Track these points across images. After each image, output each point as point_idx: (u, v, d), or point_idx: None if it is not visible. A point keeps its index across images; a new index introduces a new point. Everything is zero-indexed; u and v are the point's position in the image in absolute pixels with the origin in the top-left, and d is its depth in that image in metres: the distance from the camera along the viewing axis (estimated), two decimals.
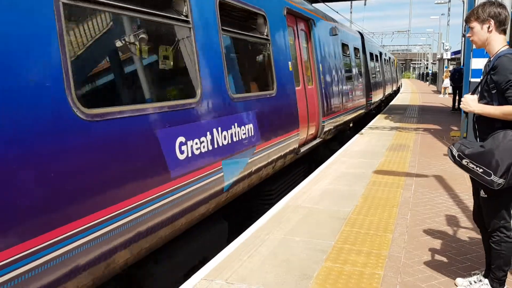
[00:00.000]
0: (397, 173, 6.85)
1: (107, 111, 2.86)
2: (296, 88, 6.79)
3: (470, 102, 2.89)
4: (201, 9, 4.17)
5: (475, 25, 2.91)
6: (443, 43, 38.91)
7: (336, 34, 9.87)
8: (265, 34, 5.87)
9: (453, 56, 34.53)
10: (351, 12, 43.23)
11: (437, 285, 3.31)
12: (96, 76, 3.32)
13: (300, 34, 7.66)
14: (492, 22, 2.85)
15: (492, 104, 2.81)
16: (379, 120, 14.70)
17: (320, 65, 8.35)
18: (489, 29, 2.87)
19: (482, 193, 2.99)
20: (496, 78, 2.74)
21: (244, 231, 4.52)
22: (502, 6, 2.89)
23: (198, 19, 4.08)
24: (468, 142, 2.91)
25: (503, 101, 2.74)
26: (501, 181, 2.69)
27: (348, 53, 11.84)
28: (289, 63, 6.60)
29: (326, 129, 8.33)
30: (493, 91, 2.79)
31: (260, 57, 6.21)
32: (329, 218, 4.81)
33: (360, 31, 16.51)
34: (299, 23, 7.67)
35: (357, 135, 11.10)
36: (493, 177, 2.71)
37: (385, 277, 3.42)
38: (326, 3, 21.46)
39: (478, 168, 2.77)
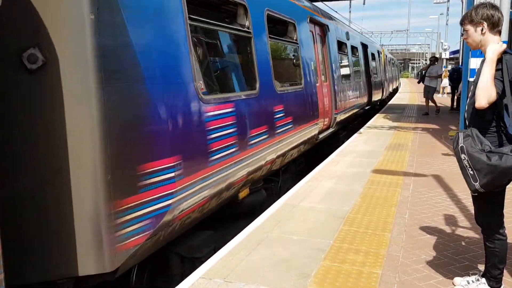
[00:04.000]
0: (395, 173, 6.86)
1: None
2: None
3: (495, 48, 2.81)
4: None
5: (469, 27, 2.97)
6: (442, 43, 38.95)
7: None
8: None
9: (452, 56, 34.56)
10: (350, 12, 43.19)
11: (435, 284, 3.32)
12: None
13: None
14: (485, 24, 2.90)
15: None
16: (378, 119, 14.71)
17: None
18: (483, 31, 2.92)
19: (472, 192, 3.02)
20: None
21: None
22: (494, 8, 2.93)
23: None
24: (477, 137, 2.84)
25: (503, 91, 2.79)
26: (480, 189, 2.80)
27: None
28: None
29: None
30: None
31: None
32: (327, 217, 4.81)
33: None
34: None
35: (355, 134, 11.11)
36: (476, 184, 2.80)
37: (383, 276, 3.43)
38: (325, 2, 21.48)
39: (470, 170, 2.81)
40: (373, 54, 18.41)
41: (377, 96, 18.15)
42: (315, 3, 10.84)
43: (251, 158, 4.96)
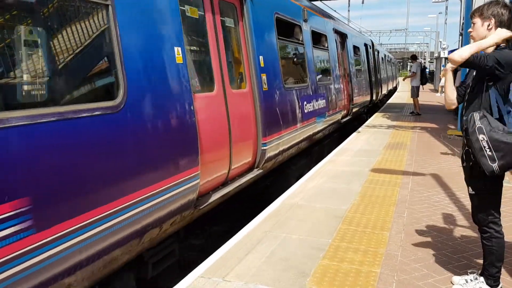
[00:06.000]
0: (394, 172, 6.87)
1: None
2: None
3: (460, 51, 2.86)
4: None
5: (477, 21, 3.00)
6: (441, 42, 38.97)
7: None
8: None
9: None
10: (348, 11, 43.22)
11: (433, 283, 3.33)
12: None
13: None
14: (493, 20, 2.94)
15: (482, 94, 2.89)
16: (376, 118, 14.72)
17: None
18: (489, 27, 2.95)
19: (469, 190, 3.08)
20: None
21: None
22: (507, 7, 2.96)
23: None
24: (492, 120, 2.82)
25: (482, 87, 2.87)
26: (497, 171, 2.76)
27: None
28: None
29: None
30: (490, 83, 2.87)
31: None
32: (326, 216, 4.81)
33: None
34: None
35: (354, 134, 11.12)
36: (494, 165, 2.75)
37: (381, 275, 3.43)
38: (324, 1, 21.50)
39: (488, 151, 2.75)
40: (356, 48, 14.23)
41: (361, 102, 13.90)
42: (314, 2, 10.74)
43: None
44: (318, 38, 9.31)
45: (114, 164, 3.02)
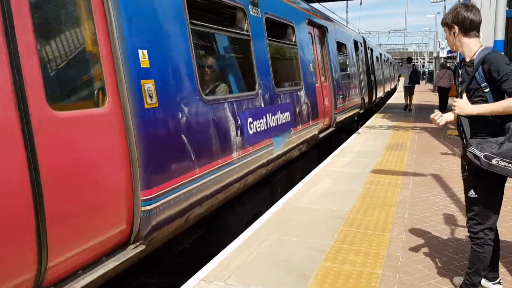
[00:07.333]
0: (394, 172, 6.87)
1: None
2: None
3: (465, 105, 2.81)
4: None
5: (446, 30, 2.96)
6: (439, 42, 38.98)
7: None
8: None
9: (449, 55, 34.64)
10: (347, 12, 43.25)
11: (435, 284, 3.33)
12: None
13: None
14: (456, 28, 2.87)
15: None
16: (376, 119, 14.73)
17: None
18: (455, 35, 2.90)
19: (471, 193, 2.91)
20: (492, 73, 2.70)
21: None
22: (468, 10, 2.83)
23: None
24: (484, 142, 2.77)
25: (498, 98, 2.72)
26: None
27: None
28: None
29: None
30: (486, 90, 2.76)
31: None
32: (327, 218, 4.81)
33: None
34: None
35: (354, 135, 11.12)
36: None
37: (383, 276, 3.44)
38: (322, 3, 21.52)
39: (511, 165, 2.65)
40: (342, 45, 11.97)
41: (349, 109, 11.59)
42: (312, 4, 10.72)
43: None
44: (279, 30, 7.22)
45: None
